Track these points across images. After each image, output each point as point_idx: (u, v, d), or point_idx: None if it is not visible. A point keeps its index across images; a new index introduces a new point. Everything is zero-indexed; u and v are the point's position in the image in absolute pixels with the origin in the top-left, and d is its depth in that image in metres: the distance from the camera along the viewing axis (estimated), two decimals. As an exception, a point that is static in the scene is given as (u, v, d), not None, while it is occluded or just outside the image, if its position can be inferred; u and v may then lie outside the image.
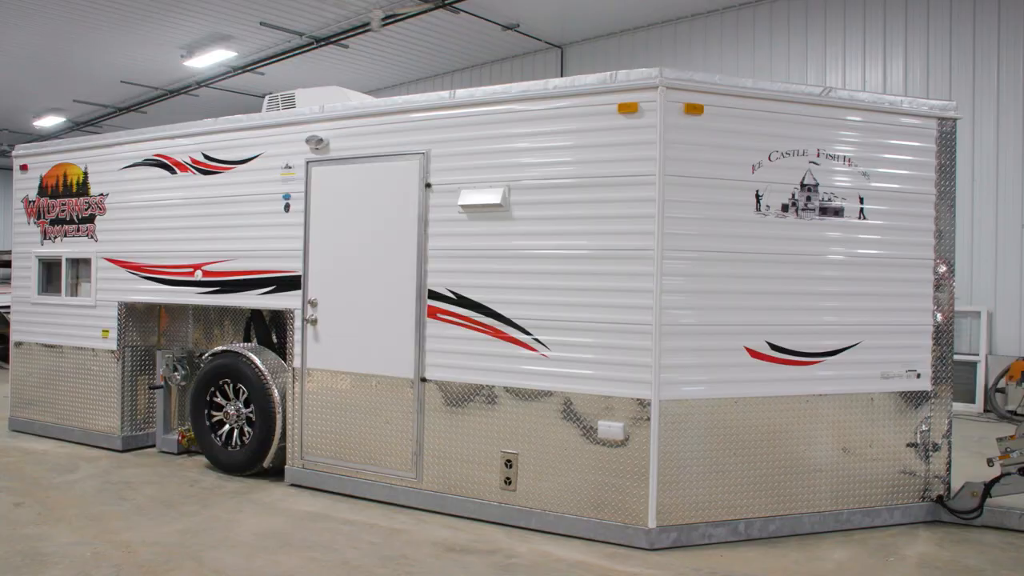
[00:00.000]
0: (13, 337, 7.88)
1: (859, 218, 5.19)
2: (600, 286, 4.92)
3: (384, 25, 12.56)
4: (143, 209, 6.93)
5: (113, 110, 18.95)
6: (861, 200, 5.19)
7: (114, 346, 7.08)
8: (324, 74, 15.81)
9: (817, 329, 5.12)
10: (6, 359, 13.94)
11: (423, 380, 5.48)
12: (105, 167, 7.21)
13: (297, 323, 6.01)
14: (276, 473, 6.26)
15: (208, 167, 6.52)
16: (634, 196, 4.84)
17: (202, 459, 6.80)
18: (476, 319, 5.30)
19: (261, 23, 13.10)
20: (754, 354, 4.98)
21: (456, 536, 4.98)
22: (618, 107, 4.88)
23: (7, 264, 18.14)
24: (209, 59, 14.70)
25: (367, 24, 13.32)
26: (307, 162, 6.00)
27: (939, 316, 5.37)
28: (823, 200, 5.11)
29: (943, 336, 5.38)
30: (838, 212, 5.15)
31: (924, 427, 5.35)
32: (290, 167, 6.08)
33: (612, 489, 4.88)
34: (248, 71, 15.52)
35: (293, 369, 6.03)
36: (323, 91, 7.10)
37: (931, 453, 5.36)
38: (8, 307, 12.28)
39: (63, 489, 5.89)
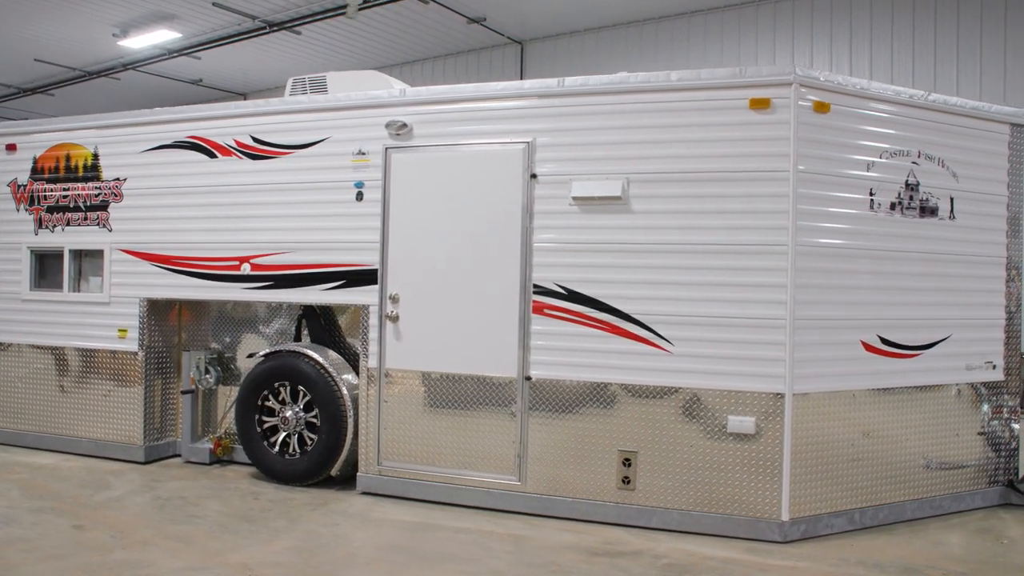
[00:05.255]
0: (-6, 338, 6.97)
1: (950, 218, 5.43)
2: (729, 281, 4.90)
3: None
4: (172, 196, 6.29)
5: (16, 91, 17.19)
6: (952, 200, 5.43)
7: (134, 347, 6.39)
8: (267, 61, 15.03)
9: (918, 323, 5.30)
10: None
11: (527, 379, 5.27)
12: (122, 149, 6.49)
13: (373, 320, 5.64)
14: (339, 482, 5.85)
15: (259, 151, 6.01)
16: (766, 191, 4.85)
17: (241, 469, 6.26)
18: (590, 315, 5.15)
19: (214, 3, 12.24)
20: (868, 348, 5.11)
21: (583, 539, 4.82)
22: (749, 102, 4.87)
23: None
24: (147, 40, 13.60)
25: (327, 11, 12.78)
26: (386, 148, 5.63)
27: (1010, 310, 5.69)
28: (922, 200, 5.31)
29: (1013, 329, 5.71)
30: (934, 211, 5.36)
31: (998, 415, 5.67)
32: (364, 153, 5.70)
33: (740, 483, 4.87)
34: (184, 55, 14.48)
35: (368, 369, 5.65)
36: (359, 75, 6.74)
37: (1003, 440, 5.68)
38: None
39: (113, 508, 5.25)
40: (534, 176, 5.27)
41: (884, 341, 5.16)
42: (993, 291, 5.64)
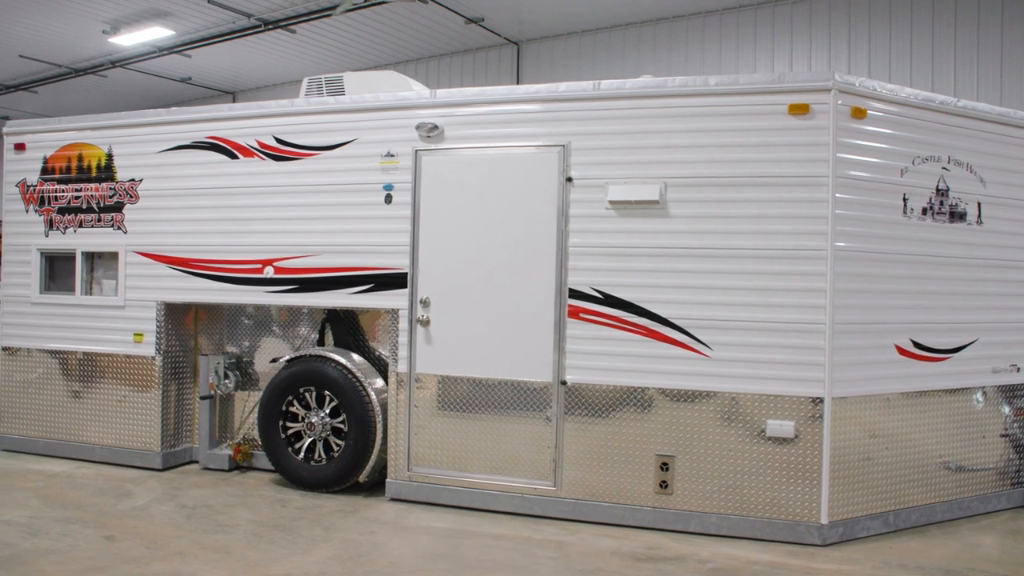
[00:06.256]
0: (3, 342, 6.77)
1: (977, 223, 5.49)
2: (768, 285, 4.91)
3: (350, 10, 11.90)
4: (191, 197, 6.17)
5: (-2, 87, 16.84)
6: (979, 206, 5.49)
7: (151, 352, 6.26)
8: (259, 60, 14.83)
9: (948, 327, 5.35)
10: None
11: (563, 383, 5.24)
12: (138, 149, 6.35)
13: (403, 324, 5.57)
14: (366, 488, 5.78)
15: (282, 152, 5.91)
16: (805, 196, 4.86)
17: (262, 475, 6.16)
18: (627, 319, 5.13)
19: (209, 1, 12.05)
20: (902, 351, 5.15)
21: (624, 544, 4.80)
22: (788, 108, 4.88)
23: None
24: (139, 37, 13.32)
25: (323, 9, 12.64)
26: (416, 151, 5.57)
27: (1033, 314, 5.78)
28: (952, 205, 5.36)
29: (1036, 332, 5.80)
30: (962, 216, 5.42)
31: (1021, 417, 5.74)
32: (393, 155, 5.63)
33: (779, 487, 4.88)
34: (175, 52, 14.23)
35: (398, 374, 5.58)
36: (377, 75, 6.67)
37: (1025, 442, 5.77)
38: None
39: (140, 517, 5.13)
40: (570, 179, 5.24)
41: (916, 345, 5.21)
42: (1018, 295, 5.70)
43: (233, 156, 6.05)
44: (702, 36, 12.68)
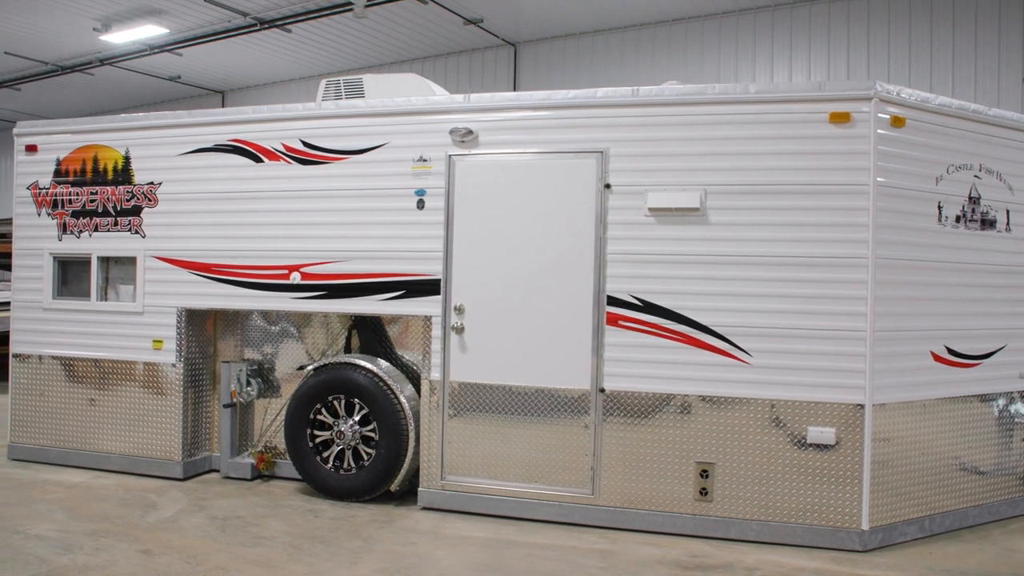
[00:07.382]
0: (14, 349, 6.59)
1: (1006, 230, 5.55)
2: (809, 293, 4.92)
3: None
4: (213, 201, 6.04)
5: (-19, 84, 16.42)
6: (1008, 213, 5.56)
7: (172, 359, 6.12)
8: (252, 59, 14.62)
9: (978, 333, 5.41)
10: None
11: (601, 391, 5.22)
12: (156, 152, 6.21)
13: (436, 331, 5.51)
14: (396, 497, 5.71)
15: (309, 156, 5.81)
16: (846, 204, 4.88)
17: (286, 484, 6.06)
18: (666, 326, 5.11)
19: (206, -1, 11.88)
20: (936, 358, 5.20)
21: (668, 552, 4.79)
22: (829, 116, 4.90)
23: None
24: (131, 35, 13.08)
25: (321, 9, 12.52)
26: (449, 156, 5.51)
27: (1056, 320, 5.86)
28: (983, 212, 5.42)
29: (1059, 338, 5.88)
30: (992, 224, 5.48)
31: (1045, 422, 5.83)
32: (425, 160, 5.56)
33: (820, 494, 4.90)
34: (167, 51, 13.99)
35: (431, 381, 5.51)
36: (399, 77, 6.61)
37: (1049, 445, 5.85)
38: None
39: (172, 530, 5.01)
40: (608, 186, 5.22)
41: (950, 351, 5.25)
42: (1043, 301, 5.79)
43: (257, 160, 5.94)
44: (701, 40, 12.75)
